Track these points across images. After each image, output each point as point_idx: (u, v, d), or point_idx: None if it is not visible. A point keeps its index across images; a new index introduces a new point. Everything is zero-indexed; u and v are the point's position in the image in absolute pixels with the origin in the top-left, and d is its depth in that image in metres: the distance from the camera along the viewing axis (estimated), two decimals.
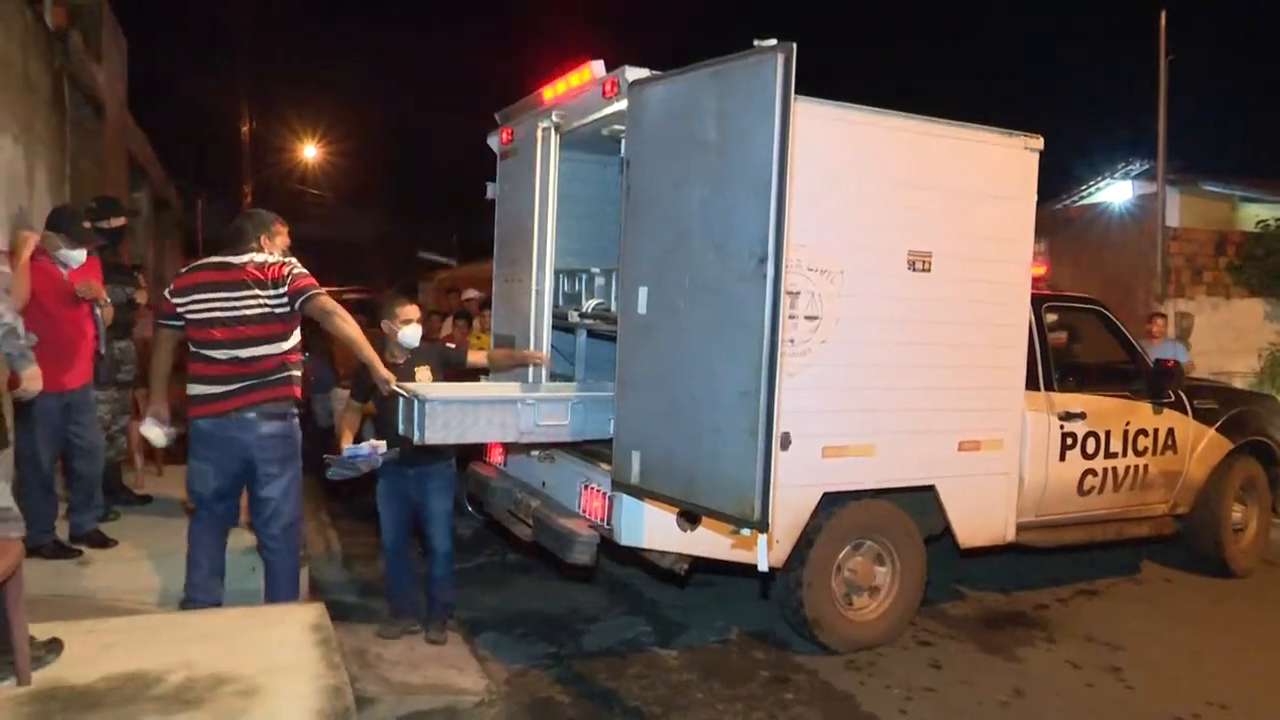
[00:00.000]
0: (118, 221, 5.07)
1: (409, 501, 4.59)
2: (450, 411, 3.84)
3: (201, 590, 3.82)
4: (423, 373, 4.50)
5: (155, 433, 3.92)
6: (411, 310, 4.48)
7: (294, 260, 3.88)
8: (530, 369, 4.91)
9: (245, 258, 3.78)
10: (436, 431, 3.82)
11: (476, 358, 4.73)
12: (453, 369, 4.69)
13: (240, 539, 4.99)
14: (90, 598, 4.23)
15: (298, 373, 3.86)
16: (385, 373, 3.85)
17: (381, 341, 4.43)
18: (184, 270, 3.90)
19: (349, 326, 3.75)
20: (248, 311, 3.70)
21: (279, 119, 27.83)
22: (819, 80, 4.01)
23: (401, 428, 3.98)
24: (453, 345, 4.85)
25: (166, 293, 3.84)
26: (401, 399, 3.97)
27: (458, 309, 9.56)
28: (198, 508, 3.88)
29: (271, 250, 3.90)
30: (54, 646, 2.92)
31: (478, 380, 5.09)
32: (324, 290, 3.82)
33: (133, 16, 10.67)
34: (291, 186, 30.12)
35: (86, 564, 4.40)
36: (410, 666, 4.28)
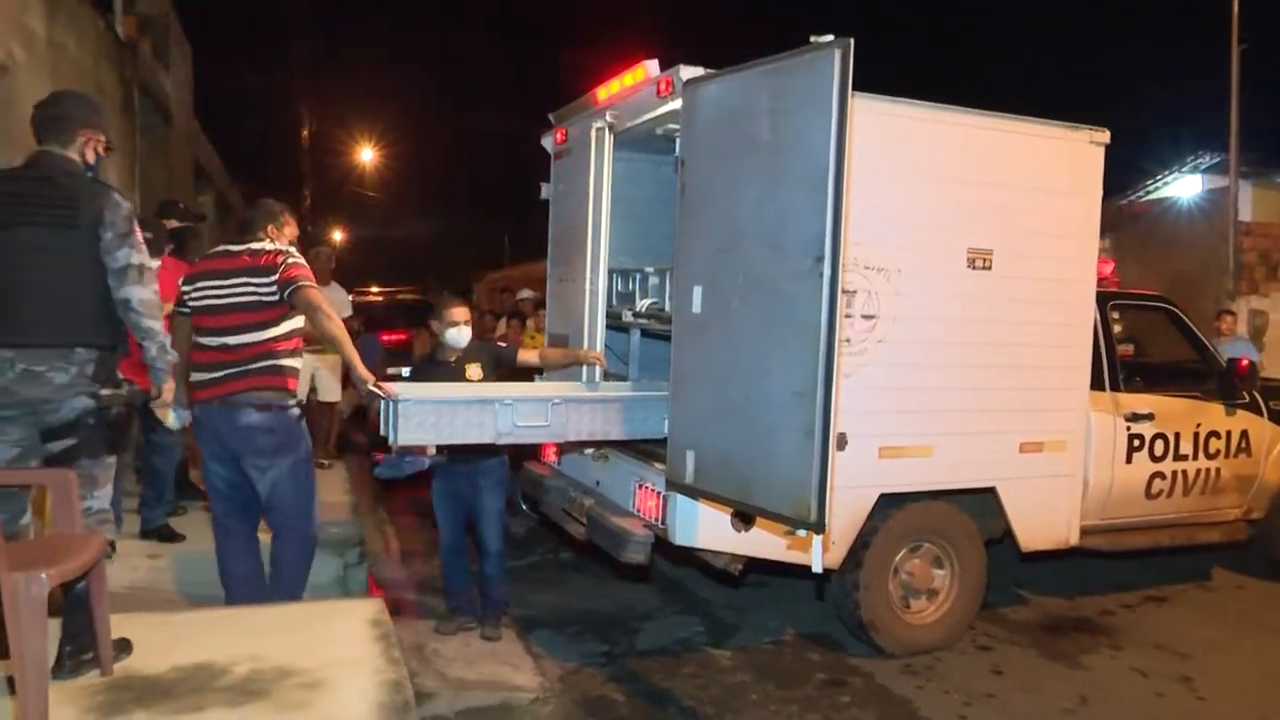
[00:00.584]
0: (170, 224, 5.24)
1: (463, 500, 4.65)
2: (424, 412, 3.74)
3: (242, 601, 3.83)
4: (473, 371, 4.54)
5: (170, 416, 3.79)
6: (459, 312, 4.53)
7: (293, 250, 3.86)
8: (584, 368, 4.94)
9: (243, 246, 3.79)
10: (410, 432, 3.72)
11: (528, 356, 4.75)
12: (504, 368, 4.73)
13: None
14: (159, 590, 4.38)
15: (289, 362, 3.78)
16: (364, 373, 3.78)
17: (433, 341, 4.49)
18: (198, 260, 3.98)
19: (332, 325, 3.70)
20: (238, 299, 3.68)
21: (337, 122, 28.42)
22: (875, 75, 3.96)
23: (382, 429, 3.88)
24: (504, 344, 4.90)
25: (179, 281, 3.89)
26: (380, 400, 3.89)
27: (511, 309, 9.66)
28: (214, 504, 3.89)
29: (279, 240, 3.91)
30: (124, 645, 3.02)
31: (531, 380, 5.14)
32: (315, 284, 3.78)
33: (196, 22, 11.00)
34: (349, 189, 30.78)
35: (156, 558, 4.55)
36: (466, 662, 4.34)
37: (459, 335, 4.53)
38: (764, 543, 4.11)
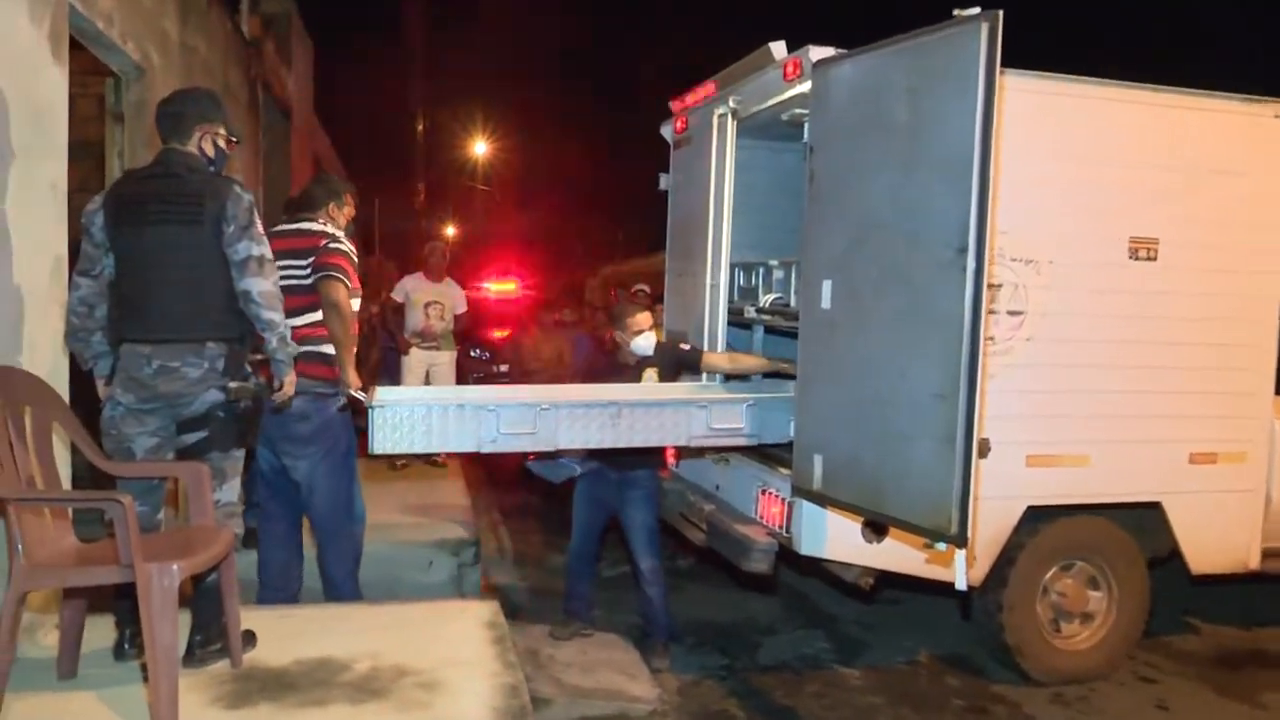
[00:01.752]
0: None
1: (605, 507, 4.69)
2: (400, 418, 3.70)
3: (271, 589, 3.96)
4: (650, 374, 4.59)
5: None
6: (643, 320, 4.56)
7: (340, 235, 3.89)
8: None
9: (294, 225, 3.88)
10: (386, 438, 3.70)
11: (716, 360, 4.68)
12: (686, 371, 4.70)
13: (413, 532, 5.34)
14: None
15: (324, 349, 3.79)
16: (353, 377, 3.79)
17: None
18: None
19: (340, 325, 3.72)
20: (281, 282, 3.72)
21: (450, 114, 29.30)
22: (1024, 46, 3.81)
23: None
24: (686, 346, 4.79)
25: None
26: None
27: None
28: (259, 489, 4.00)
29: (336, 220, 3.98)
30: (250, 638, 3.21)
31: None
32: (343, 278, 3.77)
33: (314, 16, 11.56)
34: (462, 183, 31.75)
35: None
36: (582, 670, 4.42)
37: (646, 343, 4.56)
38: (898, 556, 4.02)
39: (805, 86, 3.99)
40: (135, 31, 4.54)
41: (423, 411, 3.74)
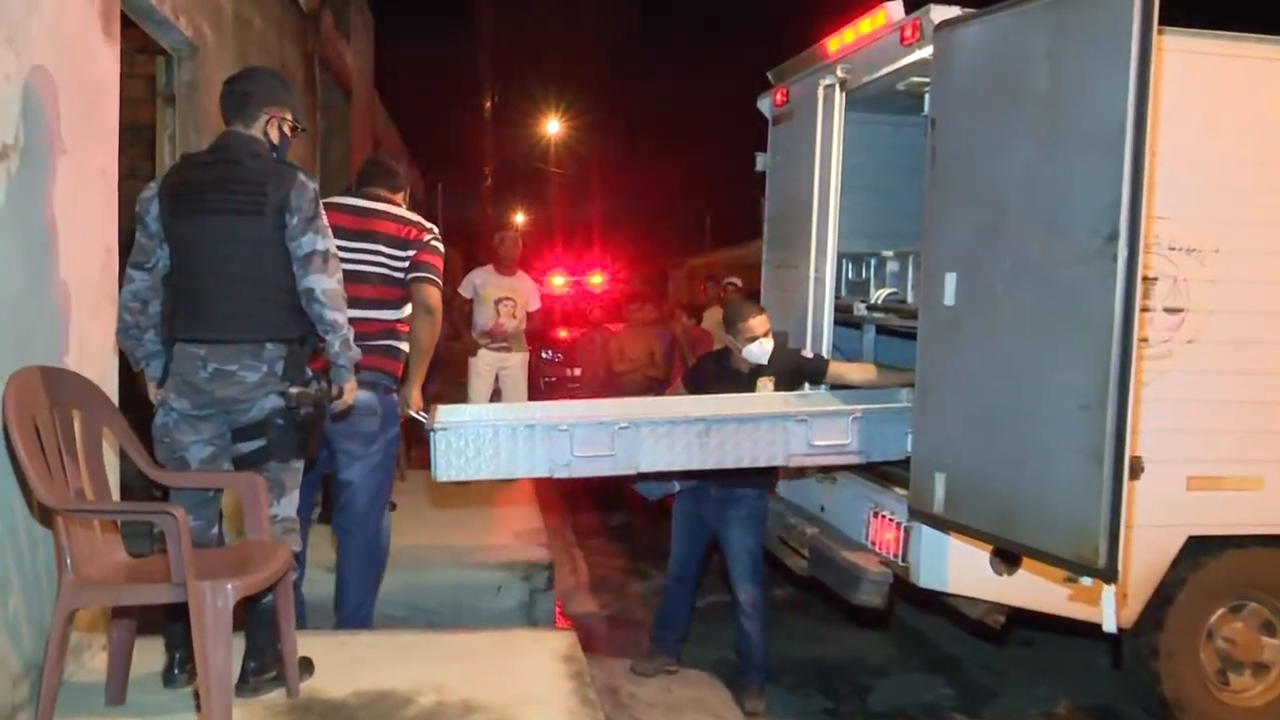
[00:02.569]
0: None
1: (705, 528, 4.70)
2: (464, 442, 3.75)
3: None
4: (765, 384, 4.57)
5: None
6: (758, 324, 4.52)
7: (434, 229, 4.04)
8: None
9: (379, 205, 3.99)
10: (450, 465, 3.76)
11: (846, 371, 4.63)
12: (809, 382, 4.67)
13: (480, 553, 5.42)
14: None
15: (402, 344, 3.98)
16: (416, 396, 3.90)
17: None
18: None
19: (428, 333, 3.86)
20: (369, 267, 3.86)
21: (520, 90, 29.70)
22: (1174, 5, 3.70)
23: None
24: (810, 354, 4.74)
25: None
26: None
27: (716, 301, 9.73)
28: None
29: (402, 205, 4.10)
30: (306, 665, 3.30)
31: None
32: (440, 282, 3.95)
33: None
34: (532, 165, 32.17)
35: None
36: (667, 710, 4.43)
37: (761, 350, 4.53)
38: (1034, 591, 3.93)
39: (926, 52, 3.96)
40: (188, 6, 4.72)
41: (489, 434, 3.84)
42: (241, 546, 3.14)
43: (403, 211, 4.07)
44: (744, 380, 4.58)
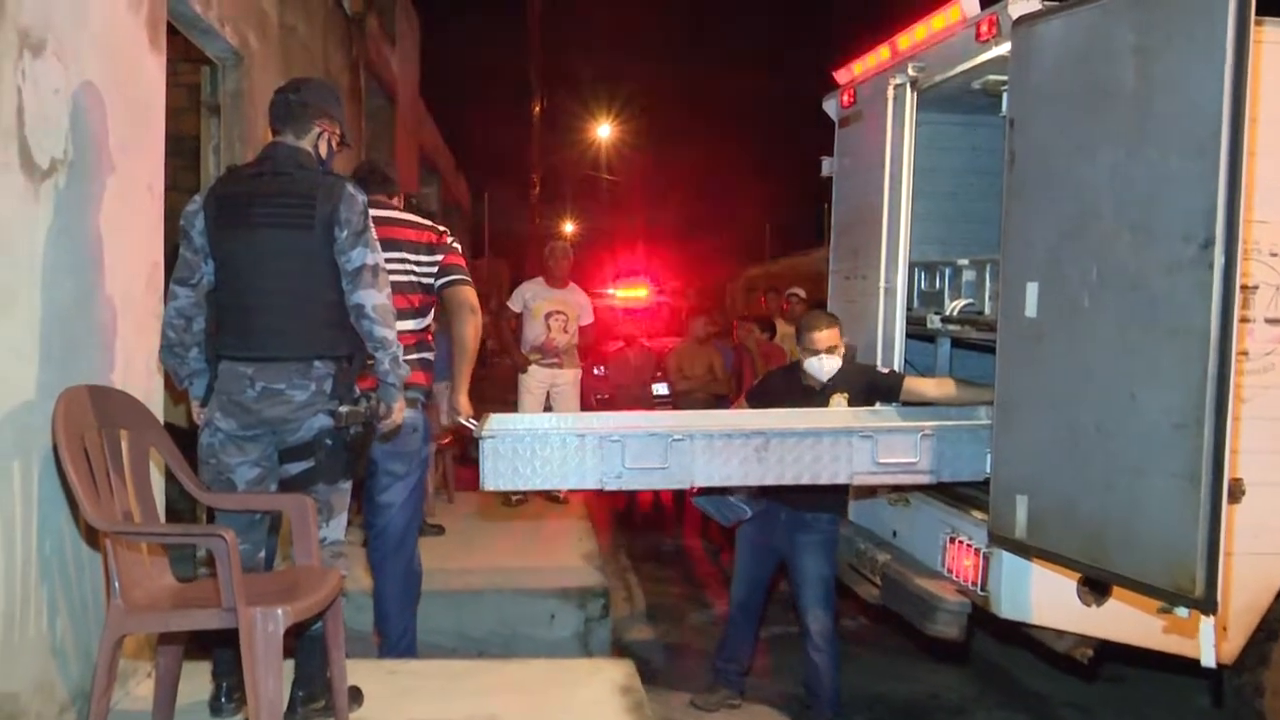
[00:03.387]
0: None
1: (773, 554, 4.69)
2: (512, 450, 3.76)
3: None
4: (838, 400, 4.57)
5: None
6: (821, 338, 4.52)
7: (446, 229, 4.13)
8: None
9: (392, 212, 4.05)
10: (498, 473, 3.77)
11: (922, 387, 4.59)
12: (880, 399, 4.65)
13: (532, 578, 5.45)
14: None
15: (428, 355, 4.09)
16: (464, 402, 3.96)
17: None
18: None
19: (473, 333, 3.94)
20: (394, 277, 3.86)
21: (570, 92, 29.91)
22: None
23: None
24: (885, 370, 4.73)
25: None
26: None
27: (780, 314, 9.71)
28: None
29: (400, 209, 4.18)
30: (355, 695, 3.36)
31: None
32: (469, 278, 4.05)
33: None
34: (582, 172, 32.39)
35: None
36: None
37: (819, 367, 4.54)
38: (1126, 623, 3.87)
39: (1004, 48, 3.94)
40: (233, 14, 4.86)
41: (539, 443, 3.84)
42: (290, 571, 3.21)
43: (413, 216, 4.16)
44: (815, 397, 4.57)
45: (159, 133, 3.80)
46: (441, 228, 4.15)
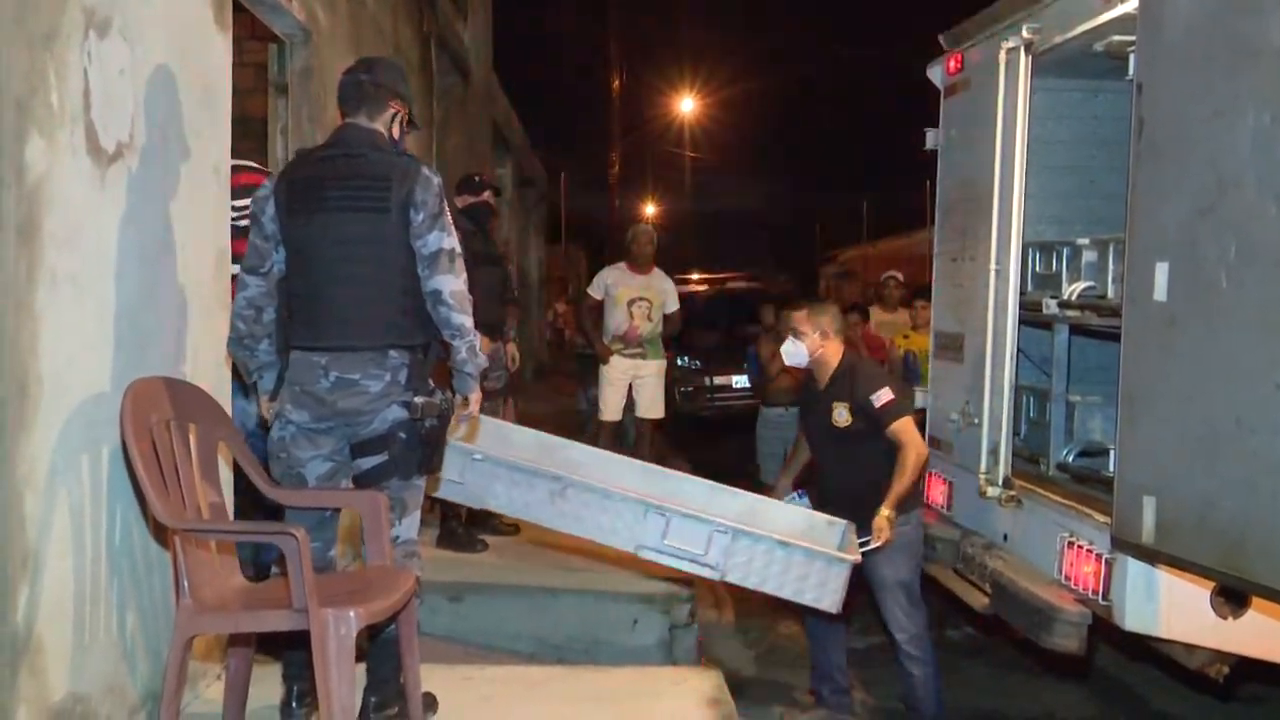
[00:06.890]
0: (465, 200, 5.77)
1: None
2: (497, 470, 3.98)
3: None
4: (839, 413, 4.51)
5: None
6: (797, 317, 4.57)
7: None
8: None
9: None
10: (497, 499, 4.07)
11: (902, 440, 4.40)
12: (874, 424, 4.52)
13: (614, 581, 5.48)
14: (461, 639, 4.89)
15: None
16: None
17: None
18: None
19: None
20: None
21: (651, 64, 29.97)
22: None
23: None
24: (887, 397, 4.45)
25: None
26: None
27: (876, 300, 9.61)
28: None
29: None
30: (430, 702, 3.40)
31: None
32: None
33: None
34: (664, 150, 32.44)
35: (458, 600, 5.08)
36: None
37: (788, 350, 4.59)
38: (1265, 637, 3.81)
39: (1130, 6, 3.86)
40: None
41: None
42: (362, 572, 3.27)
43: None
44: (817, 402, 4.56)
45: (226, 114, 3.88)
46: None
